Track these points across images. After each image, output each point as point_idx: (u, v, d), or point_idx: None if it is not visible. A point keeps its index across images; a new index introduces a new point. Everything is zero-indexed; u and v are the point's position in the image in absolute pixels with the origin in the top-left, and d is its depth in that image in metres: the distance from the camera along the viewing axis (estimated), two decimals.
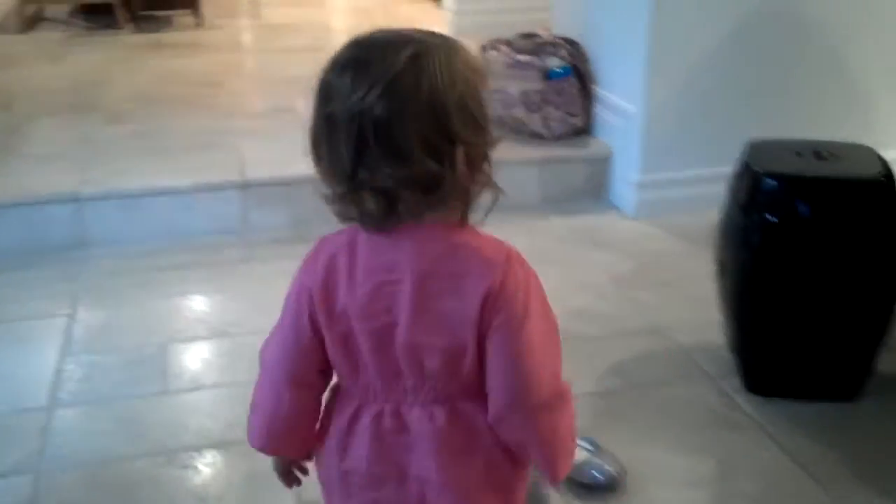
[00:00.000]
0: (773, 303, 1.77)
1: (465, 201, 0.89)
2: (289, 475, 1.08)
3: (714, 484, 1.63)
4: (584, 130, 2.90)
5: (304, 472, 1.08)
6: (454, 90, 0.85)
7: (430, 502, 0.94)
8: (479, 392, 0.91)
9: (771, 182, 1.73)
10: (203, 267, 2.44)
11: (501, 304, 0.88)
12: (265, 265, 2.44)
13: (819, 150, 1.81)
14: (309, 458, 1.05)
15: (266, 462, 1.58)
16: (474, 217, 0.92)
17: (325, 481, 1.01)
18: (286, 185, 2.63)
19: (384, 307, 0.90)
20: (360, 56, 0.87)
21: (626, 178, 2.71)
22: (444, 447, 0.92)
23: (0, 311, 2.22)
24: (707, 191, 2.03)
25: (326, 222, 2.89)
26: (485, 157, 0.90)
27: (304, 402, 0.99)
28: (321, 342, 0.94)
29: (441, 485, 0.93)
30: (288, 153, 2.81)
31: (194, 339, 2.10)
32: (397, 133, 0.83)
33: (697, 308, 2.12)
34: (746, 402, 1.82)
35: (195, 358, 2.03)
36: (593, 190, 2.80)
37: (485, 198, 0.92)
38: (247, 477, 1.63)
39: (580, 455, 1.56)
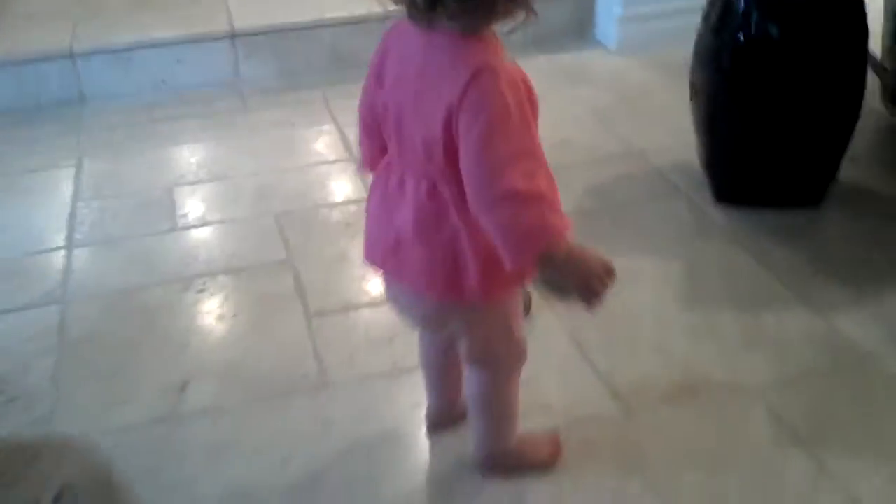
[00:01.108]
0: (742, 118, 1.87)
1: (487, 14, 0.99)
2: None
3: (683, 282, 1.78)
4: None
5: None
6: None
7: (403, 247, 1.12)
8: (456, 179, 1.03)
9: (740, 3, 1.80)
10: (199, 118, 2.53)
11: (461, 111, 0.99)
12: (257, 114, 2.54)
13: None
14: None
15: (271, 282, 1.75)
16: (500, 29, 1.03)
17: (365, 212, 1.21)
18: (275, 33, 2.69)
19: (401, 91, 1.06)
20: None
21: (609, 12, 2.76)
22: (420, 212, 1.08)
23: (5, 165, 2.32)
24: (687, 22, 2.06)
25: (314, 73, 2.99)
26: None
27: (374, 145, 1.18)
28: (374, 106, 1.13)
29: (411, 240, 1.10)
30: (275, 3, 2.86)
31: (196, 181, 2.21)
32: None
33: (674, 134, 2.23)
34: (716, 212, 1.96)
35: (199, 198, 2.14)
36: (578, 27, 2.86)
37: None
38: (258, 296, 1.78)
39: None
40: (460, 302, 1.12)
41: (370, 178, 1.21)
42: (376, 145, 1.16)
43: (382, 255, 1.16)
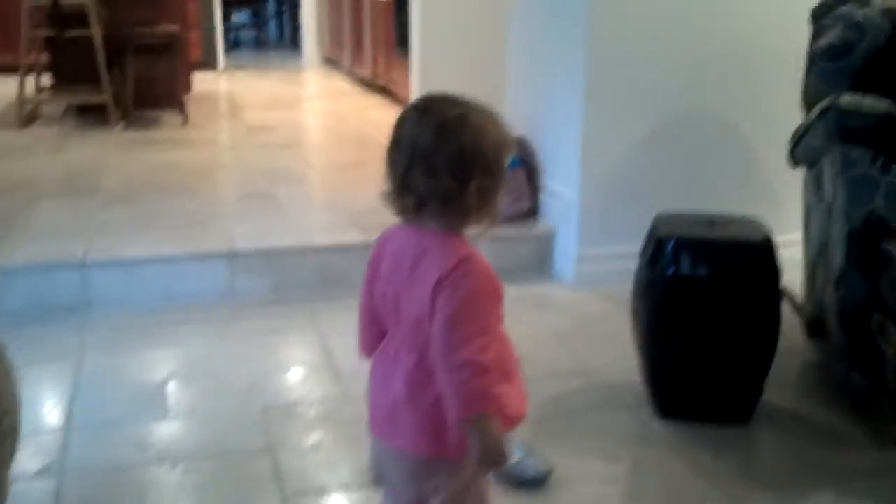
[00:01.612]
0: (675, 342, 2.15)
1: (464, 219, 1.28)
2: None
3: (626, 483, 1.98)
4: (531, 213, 3.32)
5: None
6: (479, 144, 1.26)
7: (397, 413, 1.32)
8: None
9: (670, 243, 2.13)
10: (195, 324, 2.77)
11: (441, 290, 1.24)
12: (249, 323, 2.79)
13: (713, 220, 2.23)
14: None
15: (252, 466, 1.93)
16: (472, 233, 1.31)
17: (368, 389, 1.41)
18: (268, 255, 3.01)
19: (396, 280, 1.30)
20: (426, 104, 1.29)
21: (567, 253, 3.12)
22: (410, 378, 1.30)
23: (15, 358, 2.52)
24: (634, 264, 2.33)
25: (303, 289, 3.30)
26: (490, 197, 1.28)
27: (375, 331, 1.39)
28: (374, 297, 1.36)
29: (404, 403, 1.31)
30: (270, 229, 3.21)
31: (189, 378, 2.42)
32: (434, 159, 1.24)
33: (622, 355, 2.49)
34: (657, 425, 2.19)
35: (190, 392, 2.34)
36: (539, 264, 3.20)
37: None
38: (240, 478, 1.95)
39: (514, 458, 1.91)
40: (442, 459, 1.32)
41: (366, 363, 1.42)
42: (374, 331, 1.39)
43: (381, 421, 1.36)
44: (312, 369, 2.48)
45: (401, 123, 1.29)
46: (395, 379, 1.32)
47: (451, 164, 1.24)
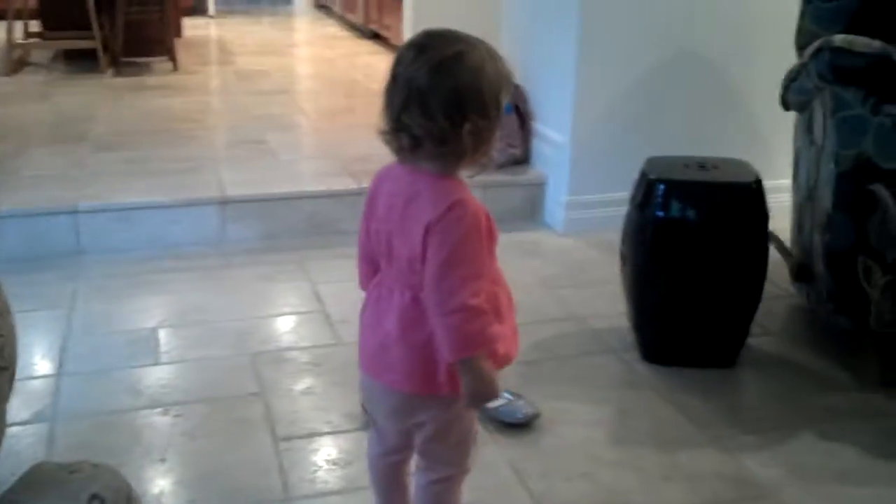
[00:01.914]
0: (663, 286, 2.17)
1: (458, 160, 1.28)
2: None
3: (611, 424, 2.01)
4: (523, 160, 3.31)
5: None
6: (475, 84, 1.24)
7: (387, 349, 1.34)
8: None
9: (660, 186, 2.13)
10: (187, 271, 2.78)
11: (433, 234, 1.25)
12: (240, 270, 2.80)
13: (703, 163, 2.23)
14: None
15: (243, 410, 1.96)
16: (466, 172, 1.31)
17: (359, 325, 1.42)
18: (259, 202, 3.00)
19: (390, 218, 1.31)
20: (423, 42, 1.27)
21: (557, 200, 3.13)
22: (403, 317, 1.31)
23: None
24: (623, 211, 2.33)
25: (294, 236, 3.30)
26: (485, 139, 1.27)
27: (371, 269, 1.40)
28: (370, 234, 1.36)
29: (395, 340, 1.33)
30: (261, 176, 3.20)
31: (180, 325, 2.43)
32: (429, 99, 1.22)
33: (609, 302, 2.52)
34: (643, 369, 2.22)
35: (181, 338, 2.36)
36: (530, 211, 3.21)
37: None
38: (231, 422, 1.98)
39: (501, 400, 1.94)
40: (431, 395, 1.34)
41: (357, 307, 1.44)
42: (370, 268, 1.40)
43: (370, 356, 1.38)
44: (303, 315, 2.50)
45: (398, 61, 1.27)
46: (387, 316, 1.33)
47: (446, 104, 1.22)
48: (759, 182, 2.16)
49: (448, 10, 4.82)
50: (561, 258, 2.90)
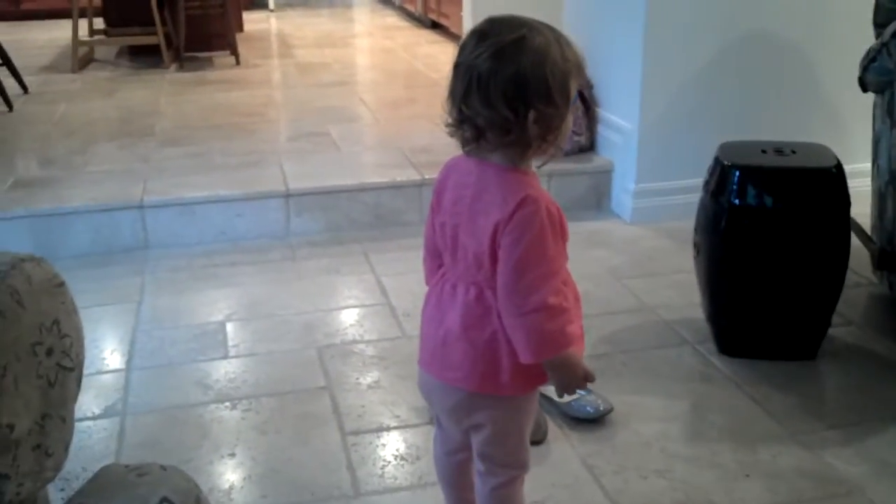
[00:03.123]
0: (738, 276, 2.09)
1: (525, 151, 1.22)
2: None
3: (686, 419, 1.95)
4: (588, 147, 3.25)
5: None
6: (538, 70, 1.18)
7: (449, 345, 1.29)
8: (490, 283, 1.24)
9: (736, 172, 2.06)
10: (252, 264, 2.78)
11: (505, 232, 1.20)
12: (304, 263, 2.79)
13: (780, 148, 2.14)
14: None
15: (311, 404, 1.94)
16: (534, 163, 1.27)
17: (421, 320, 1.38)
18: (323, 195, 2.99)
19: (457, 212, 1.26)
20: (485, 28, 1.21)
21: (624, 188, 3.06)
22: (467, 313, 1.27)
23: (77, 300, 2.56)
24: (693, 198, 2.26)
25: (358, 228, 3.29)
26: (553, 128, 1.21)
27: (436, 264, 1.36)
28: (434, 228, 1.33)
29: (457, 336, 1.28)
30: (324, 169, 3.19)
31: (248, 318, 2.43)
32: (490, 87, 1.17)
33: (681, 292, 2.45)
34: (719, 362, 2.14)
35: (249, 332, 2.36)
36: (596, 199, 3.15)
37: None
38: (299, 416, 1.96)
39: (573, 395, 1.89)
40: (492, 394, 1.30)
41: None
42: (436, 263, 1.36)
43: (431, 352, 1.33)
44: (368, 308, 2.48)
45: (461, 49, 1.22)
46: (450, 312, 1.29)
47: (507, 92, 1.16)
48: (839, 166, 2.07)
49: None
50: (629, 248, 2.83)
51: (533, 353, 1.23)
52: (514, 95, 1.17)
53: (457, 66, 1.22)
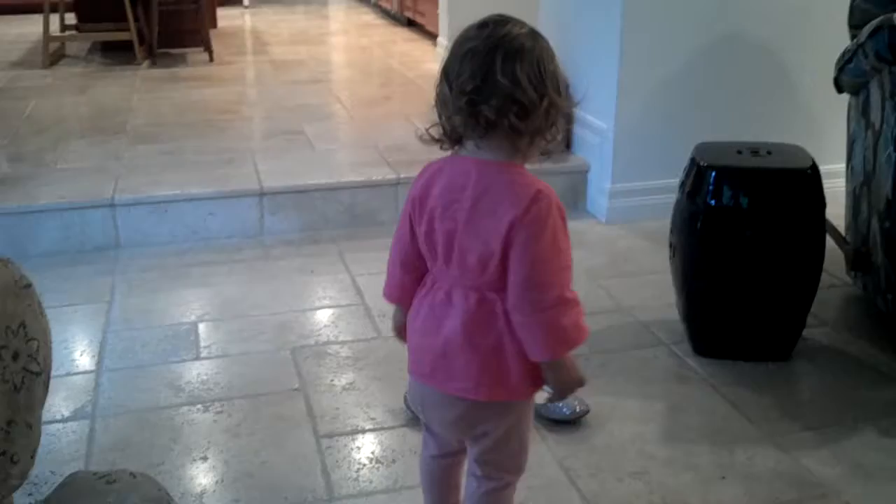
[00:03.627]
0: (715, 277, 2.09)
1: (531, 141, 1.20)
2: (402, 328, 1.38)
3: (662, 420, 1.94)
4: (565, 147, 3.24)
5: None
6: (551, 61, 1.19)
7: (451, 356, 1.25)
8: (503, 287, 1.21)
9: (712, 172, 2.06)
10: (225, 264, 2.75)
11: (521, 228, 1.17)
12: (278, 262, 2.76)
13: (756, 149, 2.14)
14: None
15: (285, 406, 1.91)
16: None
17: (406, 328, 1.34)
18: (297, 193, 2.96)
19: (451, 216, 1.22)
20: (496, 18, 1.20)
21: (600, 188, 3.05)
22: (469, 319, 1.23)
23: (46, 299, 2.52)
24: (669, 198, 2.27)
25: (333, 227, 3.27)
26: (553, 121, 1.20)
27: (408, 276, 1.33)
28: (415, 236, 1.28)
29: (460, 345, 1.24)
30: (299, 167, 3.16)
31: (220, 318, 2.40)
32: (517, 64, 1.15)
33: (657, 293, 2.45)
34: (695, 362, 2.14)
35: (222, 333, 2.32)
36: (572, 199, 3.13)
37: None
38: (272, 418, 1.93)
39: (547, 396, 1.87)
40: (497, 401, 1.27)
41: (393, 306, 1.39)
42: (408, 275, 1.32)
43: (430, 364, 1.27)
44: (343, 308, 2.45)
45: (467, 38, 1.19)
46: (447, 321, 1.25)
47: (531, 73, 1.16)
48: (815, 167, 2.08)
49: None
50: (605, 248, 2.83)
51: (550, 350, 1.22)
52: (537, 78, 1.16)
53: (472, 52, 1.17)
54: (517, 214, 1.17)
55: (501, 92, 1.16)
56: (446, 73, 1.20)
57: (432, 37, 5.44)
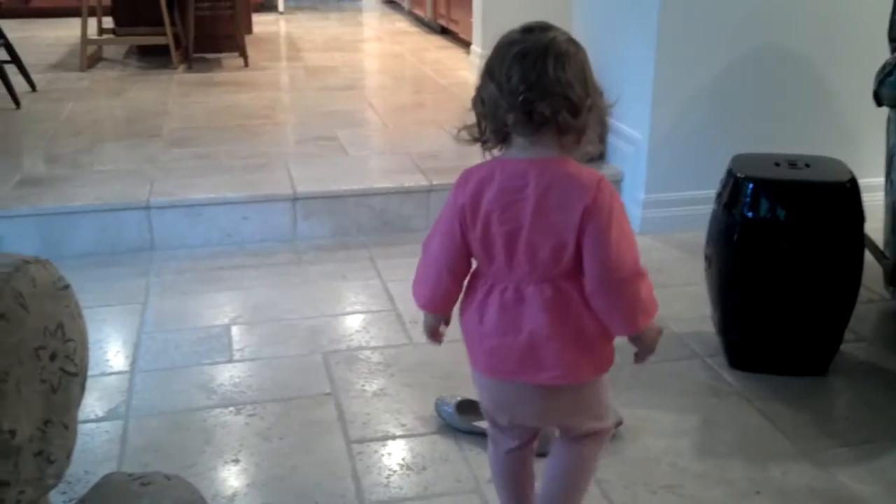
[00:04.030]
0: (751, 289, 2.06)
1: (577, 140, 1.26)
2: (436, 333, 1.45)
3: (696, 434, 1.92)
4: (599, 157, 3.23)
5: (444, 332, 1.45)
6: (589, 69, 1.26)
7: (538, 348, 1.29)
8: (574, 275, 1.27)
9: (749, 185, 2.03)
10: (258, 268, 2.76)
11: (593, 216, 1.24)
12: (311, 267, 2.77)
13: (794, 161, 2.12)
14: (449, 320, 1.44)
15: (316, 411, 1.91)
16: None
17: (466, 334, 1.37)
18: (330, 199, 2.97)
19: (513, 216, 1.27)
20: (541, 24, 1.27)
21: (634, 198, 3.03)
22: (551, 309, 1.28)
23: (81, 300, 2.54)
24: (702, 210, 2.25)
25: (363, 233, 3.28)
26: (593, 123, 1.26)
27: (454, 283, 1.37)
28: (466, 243, 1.32)
29: (547, 336, 1.28)
30: (332, 172, 3.17)
31: (253, 322, 2.41)
32: (566, 65, 1.22)
33: (691, 304, 2.43)
34: (730, 376, 2.12)
35: (254, 336, 2.33)
36: None
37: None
38: (303, 423, 1.94)
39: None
40: (584, 381, 1.34)
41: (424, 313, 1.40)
42: (456, 284, 1.36)
43: (517, 361, 1.31)
44: (375, 314, 2.45)
45: (512, 42, 1.25)
46: (527, 316, 1.29)
47: (578, 74, 1.23)
48: (853, 181, 2.05)
49: (518, 4, 4.74)
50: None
51: (636, 324, 1.29)
52: (582, 80, 1.24)
53: (522, 53, 1.23)
54: (587, 204, 1.23)
55: (554, 91, 1.21)
56: (491, 74, 1.25)
57: (465, 45, 5.45)
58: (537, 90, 1.21)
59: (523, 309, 1.29)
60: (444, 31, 6.25)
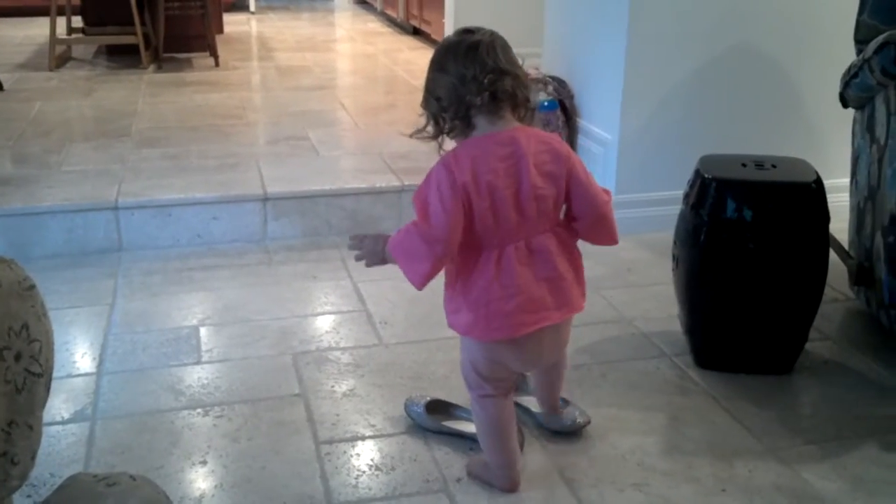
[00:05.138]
0: (717, 289, 2.09)
1: (527, 109, 1.54)
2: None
3: (663, 432, 1.93)
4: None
5: None
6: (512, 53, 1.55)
7: (560, 286, 1.56)
8: (560, 222, 1.58)
9: (716, 185, 2.05)
10: (228, 268, 2.75)
11: (574, 164, 1.55)
12: (281, 267, 2.76)
13: (761, 162, 2.14)
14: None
15: (285, 412, 1.91)
16: None
17: (485, 306, 1.53)
18: (301, 198, 2.97)
19: (515, 177, 1.49)
20: (471, 27, 1.57)
21: None
22: (567, 252, 1.57)
23: (48, 301, 2.52)
24: (672, 210, 2.27)
25: (335, 234, 3.27)
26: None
27: (452, 257, 1.53)
28: (470, 217, 1.49)
29: (561, 275, 1.55)
30: (303, 173, 3.17)
31: (222, 323, 2.40)
32: (507, 51, 1.52)
33: (659, 304, 2.45)
34: (696, 375, 2.14)
35: (223, 337, 2.32)
36: None
37: None
38: (272, 424, 1.93)
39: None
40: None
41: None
42: (471, 253, 1.52)
43: (554, 303, 1.55)
44: (345, 315, 2.45)
45: (459, 42, 1.52)
46: (547, 263, 1.52)
47: (515, 58, 1.53)
48: (819, 181, 2.07)
49: (490, 5, 4.76)
50: (607, 258, 2.82)
51: (616, 234, 1.65)
52: (517, 61, 1.54)
53: (475, 46, 1.49)
54: (564, 154, 1.52)
55: (511, 71, 1.48)
56: (445, 70, 1.50)
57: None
58: (497, 72, 1.46)
59: (541, 258, 1.52)
60: (416, 32, 6.25)
